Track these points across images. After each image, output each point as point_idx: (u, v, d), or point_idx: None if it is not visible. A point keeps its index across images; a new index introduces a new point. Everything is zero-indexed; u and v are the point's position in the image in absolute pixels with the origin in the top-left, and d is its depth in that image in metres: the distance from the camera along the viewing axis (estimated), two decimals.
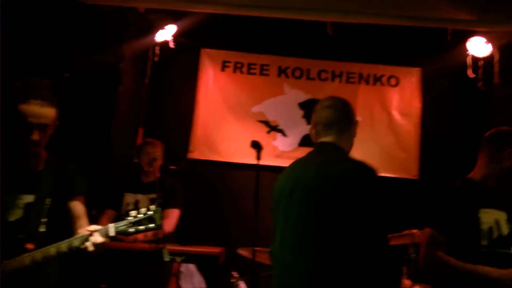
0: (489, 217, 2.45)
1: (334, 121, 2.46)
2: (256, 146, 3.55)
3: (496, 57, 5.19)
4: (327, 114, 2.48)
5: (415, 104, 5.86)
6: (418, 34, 5.19)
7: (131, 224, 2.23)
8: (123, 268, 3.61)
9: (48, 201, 2.30)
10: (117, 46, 5.02)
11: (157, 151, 4.23)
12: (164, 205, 3.72)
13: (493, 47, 5.16)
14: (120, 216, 4.02)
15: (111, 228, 2.23)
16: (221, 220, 5.48)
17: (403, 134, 5.79)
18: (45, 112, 2.26)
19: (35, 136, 2.24)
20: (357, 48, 5.84)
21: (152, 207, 2.30)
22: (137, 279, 3.53)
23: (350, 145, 2.50)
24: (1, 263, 2.09)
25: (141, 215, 2.25)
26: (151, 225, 2.25)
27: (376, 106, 5.88)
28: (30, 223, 2.23)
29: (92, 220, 3.05)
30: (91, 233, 2.21)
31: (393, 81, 5.92)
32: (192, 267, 4.11)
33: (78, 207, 2.46)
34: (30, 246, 2.18)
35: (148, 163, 4.19)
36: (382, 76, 5.89)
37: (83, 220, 2.46)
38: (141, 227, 2.23)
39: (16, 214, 2.23)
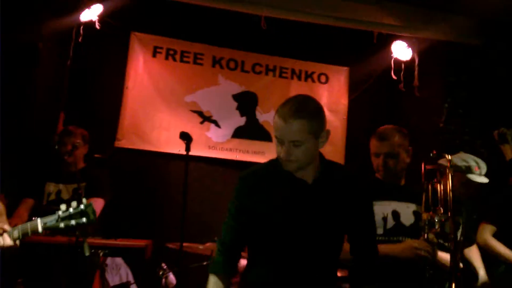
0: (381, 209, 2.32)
1: None
2: (185, 137, 3.17)
3: (416, 61, 4.98)
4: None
5: (343, 101, 5.20)
6: (348, 35, 4.92)
7: (60, 219, 1.87)
8: (42, 262, 3.06)
9: None
10: (35, 24, 4.23)
11: (76, 140, 3.56)
12: (88, 194, 3.14)
13: (414, 52, 4.97)
14: (41, 206, 3.48)
15: (39, 224, 1.88)
16: (150, 212, 4.61)
17: (331, 129, 5.21)
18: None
19: None
20: (290, 44, 5.05)
21: (84, 200, 1.93)
22: (58, 274, 3.03)
23: None
24: None
25: (71, 209, 1.88)
26: (83, 220, 1.88)
27: None
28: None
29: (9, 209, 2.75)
30: (1, 234, 1.90)
31: (323, 78, 5.19)
32: (118, 260, 3.69)
33: None
34: None
35: (67, 152, 3.51)
36: (313, 73, 5.14)
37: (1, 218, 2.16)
38: (72, 222, 1.88)
39: None
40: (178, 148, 4.33)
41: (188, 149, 3.18)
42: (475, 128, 4.75)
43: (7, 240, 1.89)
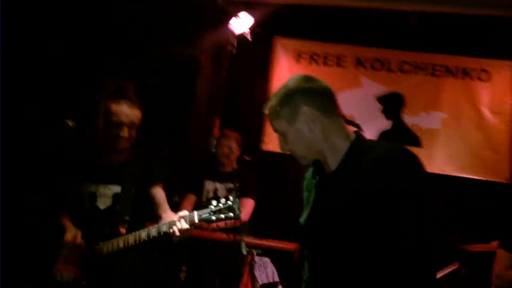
0: None
1: None
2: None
3: None
4: None
5: (508, 101, 3.90)
6: None
7: (212, 213, 1.88)
8: (201, 255, 3.07)
9: (133, 190, 2.04)
10: (195, 39, 4.09)
11: (233, 143, 3.44)
12: (240, 194, 3.14)
13: None
14: (200, 202, 3.38)
15: (195, 215, 1.90)
16: (293, 214, 4.18)
17: (493, 133, 3.89)
18: (134, 112, 2.02)
19: (125, 133, 2.01)
20: (443, 38, 3.94)
21: (231, 197, 1.92)
22: (214, 267, 3.04)
23: None
24: (98, 245, 1.93)
25: (221, 205, 1.89)
26: (230, 215, 1.90)
27: (463, 102, 3.97)
28: (119, 210, 2.01)
29: (174, 206, 2.76)
30: (178, 219, 1.89)
31: (484, 76, 3.96)
32: (266, 259, 3.36)
33: (159, 194, 2.11)
34: (123, 230, 1.96)
35: (224, 154, 3.40)
36: (471, 69, 3.97)
37: (164, 205, 2.11)
38: (222, 216, 1.88)
39: (106, 203, 2.02)
40: None
41: None
42: None
43: (184, 224, 1.88)
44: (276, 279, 3.48)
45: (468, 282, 3.11)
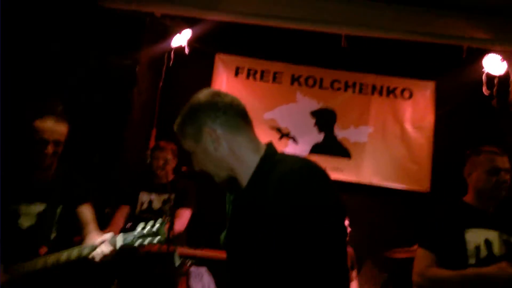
0: (477, 237, 1.89)
1: None
2: None
3: (511, 76, 3.98)
4: None
5: (429, 118, 4.27)
6: (433, 48, 4.00)
7: (136, 238, 1.86)
8: (134, 268, 2.96)
9: (59, 209, 1.99)
10: (133, 50, 4.05)
11: (168, 155, 3.37)
12: (176, 205, 3.07)
13: (509, 66, 3.99)
14: (133, 213, 3.32)
15: (119, 240, 1.86)
16: None
17: (415, 146, 4.23)
18: (59, 128, 1.95)
19: (49, 150, 1.94)
20: (371, 59, 4.28)
21: (158, 222, 1.90)
22: (147, 279, 2.92)
23: None
24: (15, 266, 1.84)
25: (145, 230, 1.86)
26: (156, 239, 1.87)
27: (388, 118, 4.30)
28: (42, 229, 1.95)
29: (106, 218, 2.86)
30: (99, 244, 1.85)
31: (406, 94, 4.33)
32: (202, 268, 3.37)
33: (86, 213, 2.07)
34: (43, 250, 1.91)
35: (159, 167, 3.35)
36: (395, 88, 4.32)
37: (90, 226, 2.06)
38: (145, 242, 1.85)
39: (29, 221, 1.95)
40: None
41: None
42: None
43: (106, 249, 1.86)
44: (212, 287, 3.45)
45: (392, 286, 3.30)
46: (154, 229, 1.87)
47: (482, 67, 4.02)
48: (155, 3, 3.81)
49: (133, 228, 1.95)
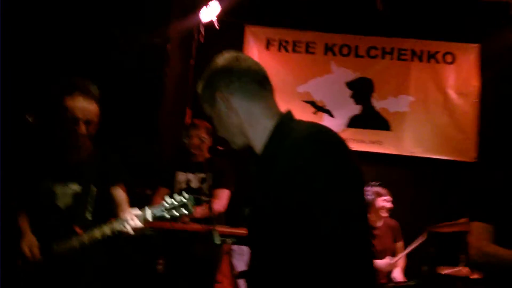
0: None
1: None
2: None
3: None
4: None
5: (473, 83, 3.99)
6: (477, 7, 3.76)
7: (166, 210, 1.86)
8: (177, 248, 3.00)
9: (93, 189, 1.97)
10: (163, 28, 3.95)
11: (202, 133, 3.30)
12: (214, 185, 3.05)
13: None
14: (172, 194, 3.12)
15: (148, 214, 1.89)
16: None
17: (459, 114, 3.99)
18: (90, 107, 1.89)
19: (82, 130, 1.89)
20: (409, 22, 4.00)
21: (185, 194, 1.89)
22: (189, 258, 2.95)
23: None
24: (54, 245, 1.86)
25: (175, 202, 1.87)
26: (184, 211, 1.87)
27: (430, 84, 4.03)
28: (78, 210, 1.94)
29: (146, 200, 2.80)
30: (131, 218, 1.86)
31: (449, 58, 4.05)
32: (244, 247, 3.33)
33: (119, 194, 2.06)
34: (78, 230, 1.90)
35: (195, 145, 3.29)
36: (436, 52, 4.03)
37: (124, 205, 2.04)
38: (175, 213, 1.86)
39: (65, 202, 1.94)
40: None
41: None
42: None
43: (137, 222, 1.87)
44: None
45: (438, 261, 3.19)
46: (182, 202, 1.87)
47: None
48: None
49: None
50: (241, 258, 3.42)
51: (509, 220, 1.77)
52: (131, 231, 1.87)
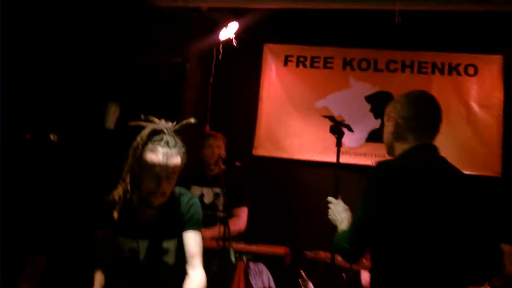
0: None
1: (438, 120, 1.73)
2: (335, 131, 2.37)
3: None
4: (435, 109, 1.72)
5: (497, 95, 3.90)
6: (498, 17, 3.67)
7: None
8: None
9: (166, 243, 1.85)
10: (182, 47, 4.04)
11: (219, 143, 3.42)
12: (231, 200, 2.98)
13: None
14: None
15: None
16: (285, 218, 4.10)
17: (483, 127, 3.90)
18: (173, 161, 1.76)
19: (163, 188, 1.77)
20: (429, 35, 3.95)
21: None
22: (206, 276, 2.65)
23: None
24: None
25: None
26: None
27: (452, 97, 3.97)
28: (153, 263, 1.83)
29: None
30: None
31: (471, 70, 3.99)
32: (261, 265, 3.33)
33: (190, 243, 1.86)
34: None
35: (210, 155, 3.35)
36: (458, 65, 3.98)
37: (195, 259, 1.85)
38: None
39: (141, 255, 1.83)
40: (311, 154, 3.98)
41: (339, 143, 2.42)
42: None
43: None
44: (272, 285, 3.44)
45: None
46: None
47: None
48: None
49: None
50: (258, 276, 3.41)
51: None
52: None
